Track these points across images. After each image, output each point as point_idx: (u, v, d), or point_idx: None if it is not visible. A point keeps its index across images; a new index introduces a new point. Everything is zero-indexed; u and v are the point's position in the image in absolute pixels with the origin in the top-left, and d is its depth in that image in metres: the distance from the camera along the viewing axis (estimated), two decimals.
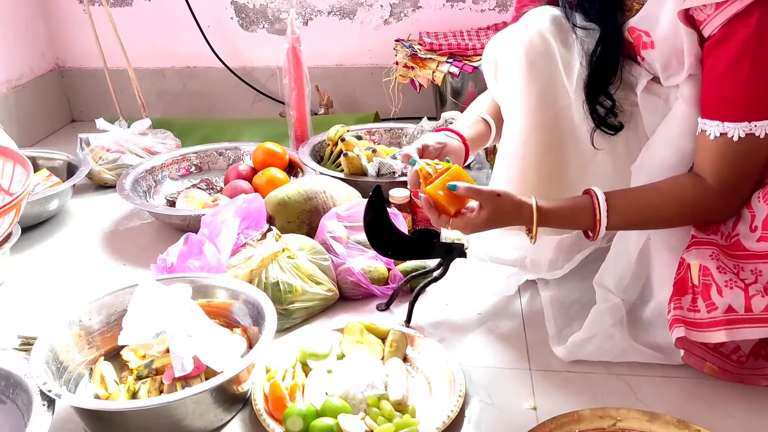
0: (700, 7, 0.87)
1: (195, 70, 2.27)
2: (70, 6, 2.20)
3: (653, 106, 1.04)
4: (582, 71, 1.05)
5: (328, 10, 2.17)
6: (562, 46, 1.06)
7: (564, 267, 1.23)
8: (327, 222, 1.34)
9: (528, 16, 1.11)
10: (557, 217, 1.00)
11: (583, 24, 1.05)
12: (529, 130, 1.10)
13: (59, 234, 1.57)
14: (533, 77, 1.07)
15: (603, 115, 1.05)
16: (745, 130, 0.88)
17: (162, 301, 0.97)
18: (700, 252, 0.96)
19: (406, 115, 2.15)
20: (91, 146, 1.77)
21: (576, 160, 1.11)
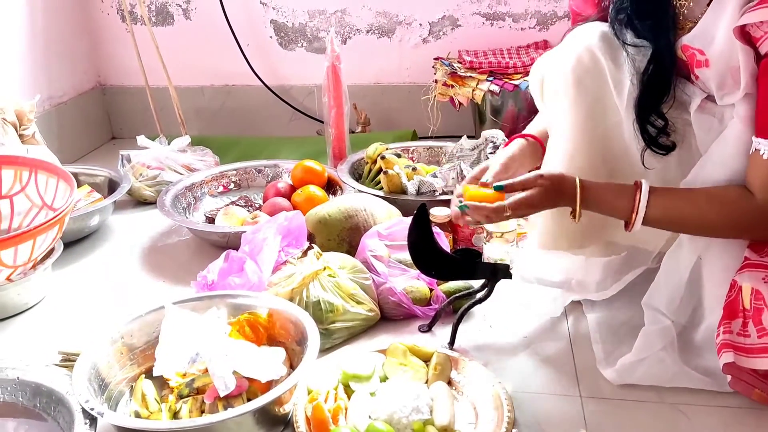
0: (757, 24, 0.85)
1: (233, 88, 2.29)
2: (114, 25, 2.24)
3: (708, 125, 1.01)
4: (633, 89, 1.03)
5: (367, 29, 2.17)
6: (612, 63, 1.04)
7: (612, 287, 1.18)
8: (368, 240, 1.32)
9: (577, 33, 1.08)
10: (598, 196, 0.99)
11: (633, 41, 1.02)
12: (575, 147, 1.07)
13: (100, 249, 1.58)
14: (580, 94, 1.05)
15: (654, 135, 1.02)
16: None
17: (193, 326, 0.95)
18: (753, 275, 0.92)
19: (444, 133, 2.13)
20: (131, 163, 1.78)
21: (627, 180, 1.08)
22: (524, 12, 2.08)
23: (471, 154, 1.76)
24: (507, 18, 2.09)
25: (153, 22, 2.20)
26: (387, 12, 2.14)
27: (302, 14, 2.18)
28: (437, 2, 2.11)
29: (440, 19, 2.13)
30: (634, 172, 1.06)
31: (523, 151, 1.15)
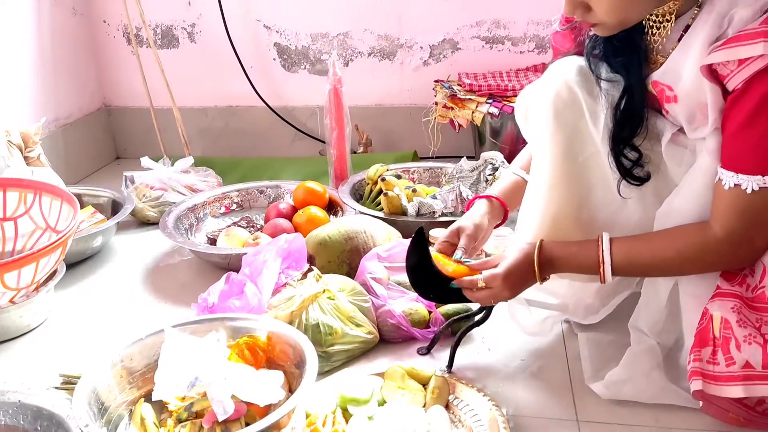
0: (724, 63, 0.86)
1: (237, 109, 2.31)
2: (120, 48, 2.28)
3: (679, 157, 1.03)
4: (608, 122, 1.05)
5: (369, 52, 2.20)
6: (588, 95, 1.06)
7: (600, 312, 1.23)
8: (367, 263, 1.33)
9: (555, 66, 1.11)
10: (564, 256, 1.04)
11: (608, 76, 1.05)
12: (555, 177, 1.10)
13: (102, 271, 1.59)
14: (559, 126, 1.07)
15: (628, 167, 1.05)
16: (759, 183, 0.87)
17: (192, 350, 0.96)
18: (723, 303, 0.93)
19: (445, 154, 2.15)
20: (135, 184, 1.80)
21: (605, 208, 1.10)
22: (523, 36, 2.10)
23: (470, 175, 1.78)
24: (506, 41, 2.12)
25: (158, 44, 2.23)
26: (388, 35, 2.17)
27: (305, 37, 2.21)
28: (438, 26, 2.13)
29: (440, 42, 2.15)
30: (613, 201, 1.08)
31: (488, 215, 1.19)
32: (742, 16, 0.85)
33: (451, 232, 1.16)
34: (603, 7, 0.91)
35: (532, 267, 1.04)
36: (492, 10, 2.09)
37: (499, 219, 1.21)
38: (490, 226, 1.20)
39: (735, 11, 0.86)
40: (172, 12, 2.21)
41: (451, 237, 1.15)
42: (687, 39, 0.93)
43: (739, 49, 0.84)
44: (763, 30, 0.82)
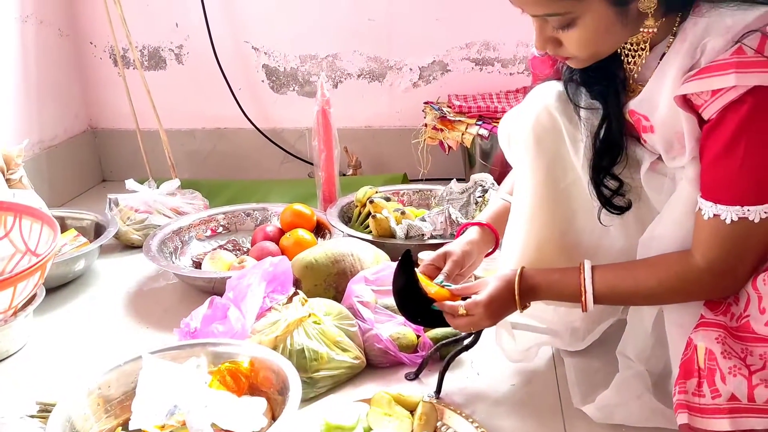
0: (698, 93, 0.86)
1: (225, 131, 2.30)
2: (106, 69, 2.26)
3: (659, 185, 1.02)
4: (587, 150, 1.04)
5: (358, 73, 2.19)
6: (568, 122, 1.06)
7: (586, 339, 1.21)
8: (354, 286, 1.30)
9: (535, 92, 1.11)
10: (546, 284, 1.02)
11: (587, 104, 1.04)
12: (538, 203, 1.08)
13: (84, 295, 1.56)
14: (541, 152, 1.06)
15: (608, 196, 1.04)
16: (738, 213, 0.86)
17: (171, 377, 0.93)
18: (707, 334, 0.91)
19: (434, 176, 2.14)
20: (119, 206, 1.77)
21: (589, 234, 1.09)
22: (513, 57, 2.11)
23: (460, 197, 1.77)
24: (496, 63, 2.12)
25: (145, 66, 2.22)
26: (378, 57, 2.17)
27: (294, 59, 2.21)
28: (427, 48, 2.14)
29: (430, 64, 2.15)
30: (596, 227, 1.07)
31: (478, 242, 1.17)
32: (714, 46, 0.84)
33: (437, 256, 1.14)
34: (573, 43, 0.90)
35: (513, 295, 1.02)
36: (482, 32, 2.10)
37: (490, 246, 1.19)
38: (480, 253, 1.18)
39: (707, 41, 0.85)
40: (160, 33, 2.20)
41: (438, 261, 1.13)
42: (661, 68, 0.92)
43: (712, 79, 0.83)
44: (734, 61, 0.81)
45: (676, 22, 0.90)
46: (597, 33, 0.89)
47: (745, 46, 0.81)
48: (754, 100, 0.82)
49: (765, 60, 0.80)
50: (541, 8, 0.88)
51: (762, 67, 0.80)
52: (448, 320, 1.06)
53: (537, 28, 0.92)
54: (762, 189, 0.85)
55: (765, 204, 0.85)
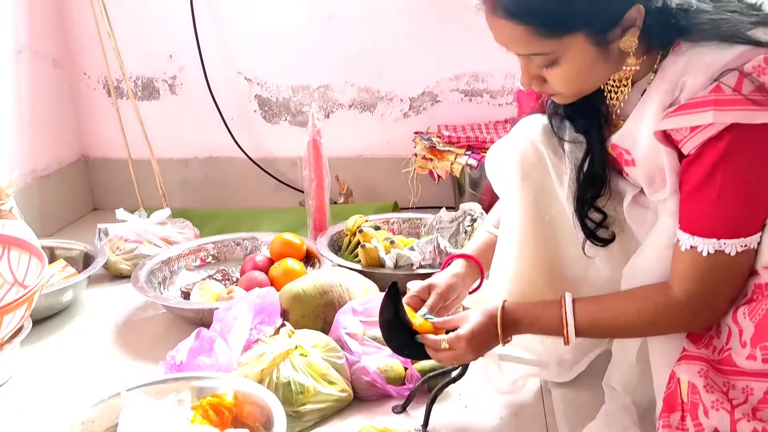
0: (677, 129, 0.87)
1: (217, 160, 2.31)
2: (100, 100, 2.27)
3: (641, 218, 1.03)
4: (571, 183, 1.06)
5: (350, 104, 2.22)
6: (553, 154, 1.07)
7: (573, 369, 1.21)
8: (342, 317, 1.30)
9: (521, 124, 1.12)
10: (528, 318, 1.02)
11: (571, 137, 1.06)
12: (524, 234, 1.09)
13: (71, 326, 1.55)
14: (526, 184, 1.08)
15: (592, 228, 1.05)
16: (715, 246, 0.87)
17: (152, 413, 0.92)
18: (690, 367, 0.92)
19: (425, 204, 2.15)
20: (109, 236, 1.77)
21: (574, 265, 1.10)
22: (501, 89, 2.13)
23: (450, 226, 1.77)
24: (485, 94, 2.15)
25: (139, 96, 2.24)
26: (369, 88, 2.19)
27: (286, 89, 2.23)
28: (417, 79, 2.16)
29: (420, 95, 2.18)
30: (581, 258, 1.08)
31: (463, 275, 1.17)
32: (693, 84, 0.86)
33: (422, 288, 1.14)
34: (557, 80, 0.92)
35: (495, 329, 1.02)
36: (471, 63, 2.12)
37: (475, 278, 1.20)
38: (465, 286, 1.18)
39: (686, 78, 0.87)
40: (154, 65, 2.22)
41: (422, 293, 1.14)
42: (642, 104, 0.94)
43: (691, 116, 0.85)
44: (712, 98, 0.83)
45: (657, 59, 0.92)
46: (580, 71, 0.91)
47: (723, 85, 0.83)
48: (732, 137, 0.83)
49: (742, 98, 0.82)
50: (525, 48, 0.90)
51: (739, 105, 0.82)
52: (431, 354, 1.05)
53: (522, 66, 0.94)
54: (738, 223, 0.87)
55: (741, 238, 0.86)
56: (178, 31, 2.16)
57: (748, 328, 0.87)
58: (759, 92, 0.82)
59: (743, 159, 0.84)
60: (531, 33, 0.87)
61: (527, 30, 0.87)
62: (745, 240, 0.87)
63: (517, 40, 0.89)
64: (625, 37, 0.88)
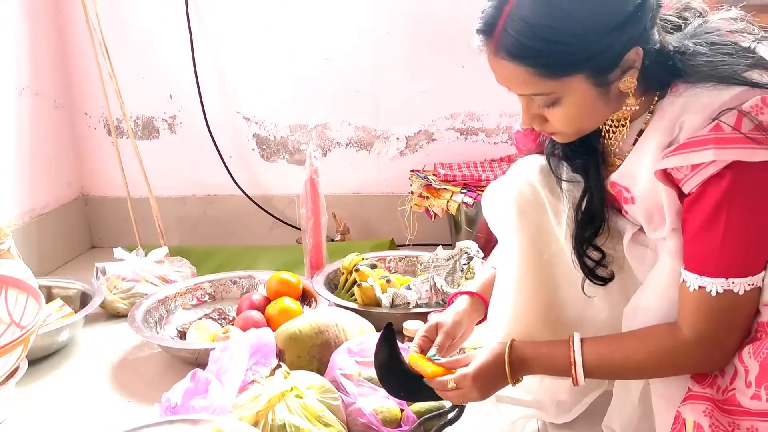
0: (677, 168, 0.89)
1: (215, 198, 2.33)
2: (100, 139, 2.30)
3: (641, 256, 1.04)
4: (570, 222, 1.07)
5: (347, 142, 2.24)
6: (550, 194, 1.08)
7: (573, 411, 1.20)
8: (338, 358, 1.30)
9: (518, 165, 1.14)
10: (536, 357, 1.02)
11: (568, 177, 1.07)
12: (522, 274, 1.10)
13: (66, 366, 1.55)
14: (523, 224, 1.09)
15: (591, 267, 1.05)
16: (723, 286, 0.87)
17: None
18: (695, 407, 0.92)
19: (421, 241, 2.17)
20: (106, 275, 1.78)
21: (573, 305, 1.10)
22: (496, 127, 2.16)
23: (446, 264, 1.78)
24: (480, 133, 2.18)
25: (139, 135, 2.27)
26: (366, 127, 2.22)
27: (284, 128, 2.26)
28: (413, 118, 2.19)
29: (416, 133, 2.21)
30: (580, 298, 1.08)
31: (468, 312, 1.18)
32: (692, 123, 0.88)
33: (429, 327, 1.14)
34: (558, 119, 0.94)
35: (502, 368, 1.01)
36: (466, 102, 2.16)
37: (480, 314, 1.20)
38: (471, 322, 1.18)
39: (685, 118, 0.88)
40: (155, 104, 2.26)
41: (430, 332, 1.14)
42: (641, 143, 0.95)
43: (691, 155, 0.86)
44: (712, 137, 0.84)
45: (654, 100, 0.94)
46: (581, 111, 0.93)
47: (723, 123, 0.84)
48: (734, 175, 0.84)
49: (742, 137, 0.83)
50: (526, 88, 0.92)
51: (739, 143, 0.83)
52: (439, 394, 1.05)
53: (524, 106, 0.96)
54: (746, 261, 0.87)
55: (749, 276, 0.87)
56: (178, 72, 2.20)
57: (753, 367, 0.87)
58: (758, 131, 0.83)
59: (746, 197, 0.85)
60: (532, 74, 0.88)
61: (528, 71, 0.88)
62: (753, 278, 0.87)
63: (518, 81, 0.91)
64: (624, 77, 0.90)
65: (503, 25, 0.87)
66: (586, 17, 0.84)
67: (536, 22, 0.85)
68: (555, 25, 0.85)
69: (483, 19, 0.90)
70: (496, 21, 0.88)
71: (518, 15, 0.86)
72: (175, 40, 2.17)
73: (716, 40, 0.91)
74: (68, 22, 2.18)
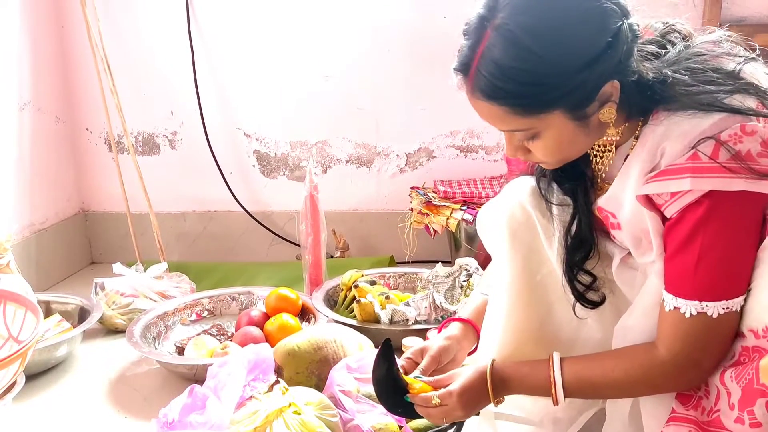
0: (658, 194, 0.89)
1: (215, 214, 2.33)
2: (101, 154, 2.31)
3: (630, 279, 1.04)
4: (560, 246, 1.07)
5: (347, 159, 2.25)
6: (541, 216, 1.09)
7: (569, 430, 1.18)
8: (336, 374, 1.29)
9: (510, 186, 1.15)
10: (517, 377, 1.01)
11: (558, 200, 1.08)
12: (515, 295, 1.10)
13: (64, 382, 1.54)
14: (516, 245, 1.09)
15: (582, 291, 1.05)
16: (697, 308, 0.88)
17: None
18: (678, 429, 0.92)
19: (421, 258, 2.16)
20: (105, 290, 1.77)
21: (566, 326, 1.10)
22: (496, 145, 2.17)
23: (446, 281, 1.78)
24: (480, 150, 2.19)
25: (140, 151, 2.28)
26: (366, 144, 2.23)
27: (284, 145, 2.27)
28: (414, 135, 2.20)
29: (416, 150, 2.22)
30: (573, 318, 1.08)
31: (458, 338, 1.17)
32: (672, 150, 0.88)
33: (416, 351, 1.14)
34: (540, 151, 0.95)
35: (485, 386, 1.01)
36: (466, 120, 2.17)
37: (472, 341, 1.19)
38: (462, 349, 1.18)
39: (666, 144, 0.89)
40: (155, 121, 2.27)
41: (416, 355, 1.14)
42: (625, 169, 0.96)
43: (669, 182, 0.87)
44: (689, 166, 0.85)
45: (638, 125, 0.94)
46: (561, 143, 0.93)
47: (700, 153, 0.85)
48: (710, 203, 0.85)
49: (718, 166, 0.84)
50: (505, 125, 0.93)
51: (715, 172, 0.84)
52: (420, 411, 1.05)
53: (507, 139, 0.97)
54: (718, 286, 0.87)
55: (722, 300, 0.87)
56: (179, 88, 2.21)
57: (735, 391, 0.87)
58: (734, 160, 0.83)
59: (721, 224, 0.86)
60: (508, 113, 0.89)
61: (504, 110, 0.89)
62: (727, 303, 0.87)
63: (496, 119, 0.92)
64: (603, 110, 0.90)
65: (476, 66, 0.88)
66: (557, 57, 0.85)
67: (507, 64, 0.86)
68: (525, 68, 0.86)
69: (459, 59, 0.92)
70: (470, 62, 0.89)
71: (490, 57, 0.87)
72: (176, 56, 2.19)
73: (697, 66, 0.91)
74: (70, 38, 2.20)
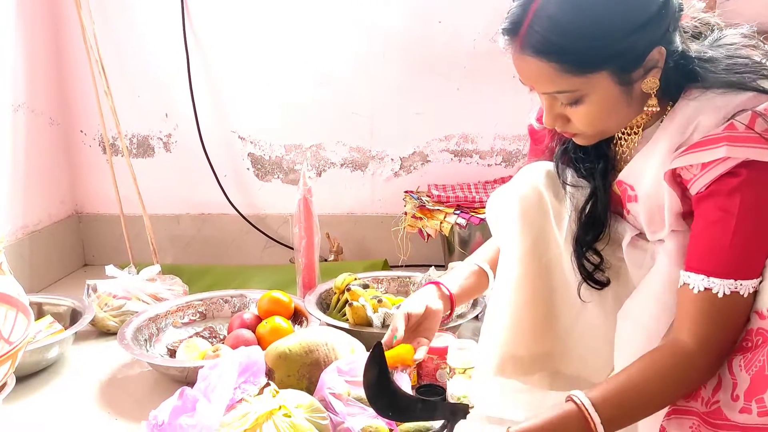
0: (687, 167, 0.89)
1: (209, 217, 2.33)
2: (95, 156, 2.31)
3: (639, 260, 1.04)
4: (571, 225, 1.08)
5: (341, 162, 2.25)
6: (554, 197, 1.10)
7: None
8: (327, 377, 1.29)
9: (525, 169, 1.16)
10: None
11: (573, 181, 1.09)
12: (521, 277, 1.11)
13: (55, 383, 1.53)
14: (526, 226, 1.10)
15: (590, 271, 1.06)
16: (731, 287, 0.86)
17: None
18: (680, 422, 0.91)
19: (414, 262, 2.17)
20: (98, 292, 1.77)
21: (567, 310, 1.11)
22: (490, 150, 2.18)
23: None
24: (474, 155, 2.19)
25: (134, 153, 2.28)
26: (360, 147, 2.24)
27: (279, 148, 2.27)
28: (408, 139, 2.21)
29: (411, 155, 2.22)
30: (574, 303, 1.09)
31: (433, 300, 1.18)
32: (707, 123, 0.89)
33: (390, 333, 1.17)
34: (581, 119, 0.94)
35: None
36: (460, 125, 2.17)
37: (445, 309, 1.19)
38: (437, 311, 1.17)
39: (700, 118, 0.90)
40: (150, 123, 2.27)
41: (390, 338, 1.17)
42: (652, 143, 0.96)
43: (703, 153, 0.87)
44: (726, 135, 0.85)
45: (666, 109, 0.95)
46: (603, 110, 0.93)
47: (737, 122, 0.86)
48: (748, 174, 0.84)
49: (756, 136, 0.84)
50: (551, 86, 0.93)
51: (753, 142, 0.84)
52: None
53: (547, 106, 0.97)
54: (753, 263, 0.86)
55: (754, 278, 0.86)
56: (174, 91, 2.22)
57: (743, 380, 0.86)
58: None
59: (758, 197, 0.85)
60: (557, 70, 0.89)
61: (553, 67, 0.89)
62: (755, 282, 0.86)
63: (543, 78, 0.92)
64: (647, 77, 0.91)
65: (529, 23, 0.89)
66: (612, 15, 0.87)
67: (563, 18, 0.87)
68: (581, 22, 0.87)
69: (509, 18, 0.92)
70: (522, 19, 0.90)
71: (544, 13, 0.88)
72: (171, 59, 2.19)
73: (732, 52, 0.93)
74: (65, 40, 2.19)
